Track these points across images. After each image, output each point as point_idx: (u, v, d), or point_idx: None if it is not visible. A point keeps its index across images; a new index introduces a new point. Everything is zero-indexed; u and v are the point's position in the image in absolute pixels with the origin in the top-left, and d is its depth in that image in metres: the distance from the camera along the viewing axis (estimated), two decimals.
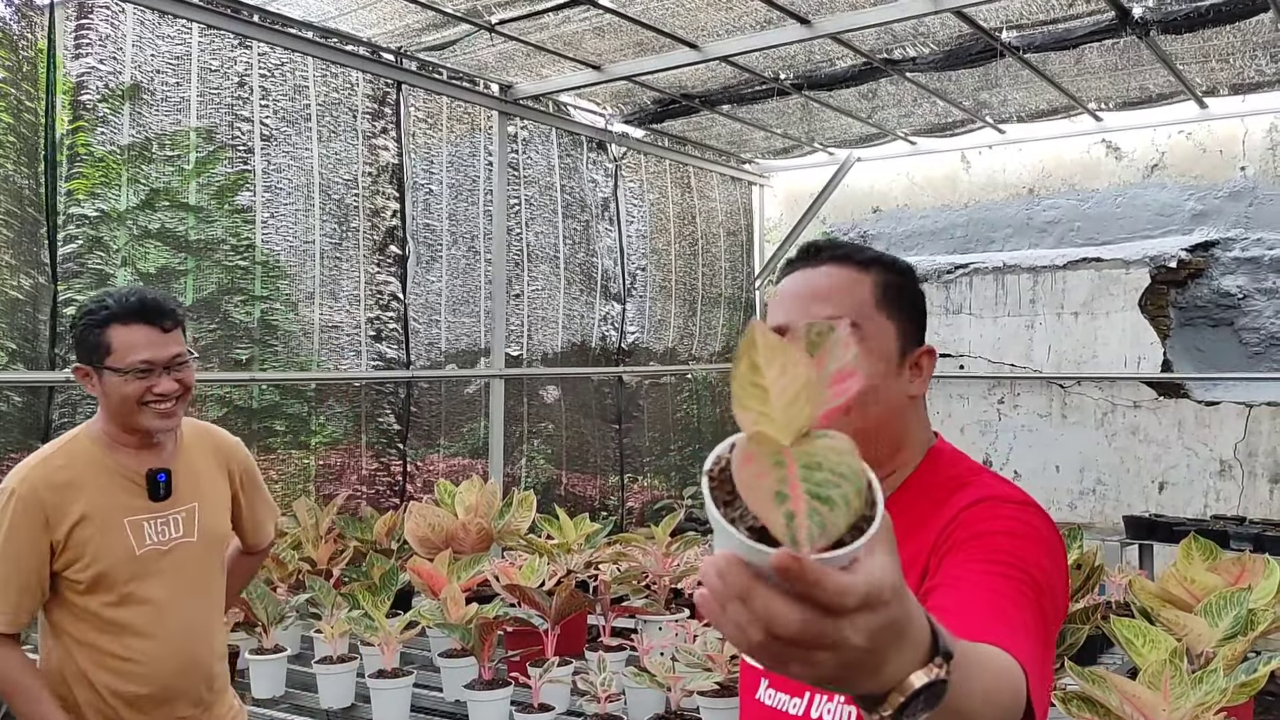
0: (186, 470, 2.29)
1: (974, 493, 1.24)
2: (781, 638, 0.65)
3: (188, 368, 2.20)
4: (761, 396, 0.68)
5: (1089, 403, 6.67)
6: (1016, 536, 1.16)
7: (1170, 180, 6.43)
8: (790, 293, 1.32)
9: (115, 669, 2.14)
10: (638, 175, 6.93)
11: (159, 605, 2.18)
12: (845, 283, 1.29)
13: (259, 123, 4.61)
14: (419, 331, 5.37)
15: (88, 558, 2.11)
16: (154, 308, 2.14)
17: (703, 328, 7.51)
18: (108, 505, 2.14)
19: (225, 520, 2.38)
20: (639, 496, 6.93)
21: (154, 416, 2.15)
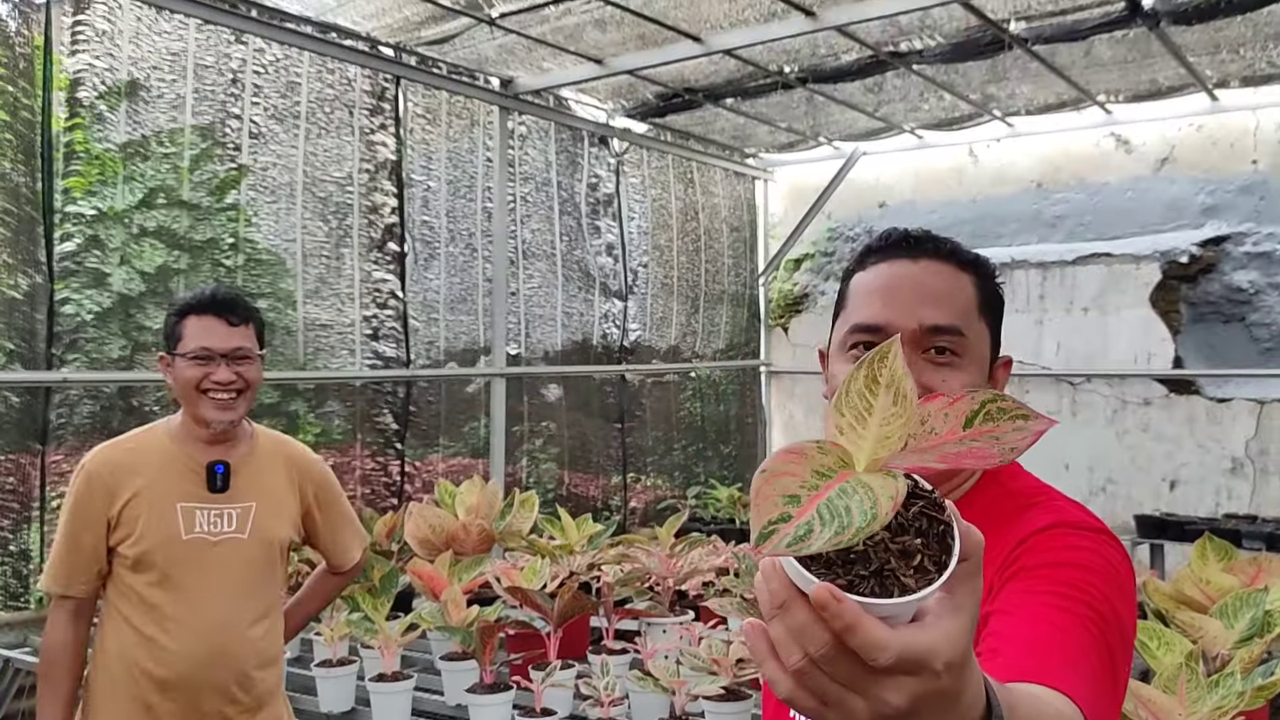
0: (252, 471, 2.39)
1: (1046, 515, 1.15)
2: (819, 664, 0.62)
3: (250, 363, 2.33)
4: (862, 413, 0.66)
5: (1099, 400, 6.59)
6: (1088, 570, 1.08)
7: (1181, 174, 6.35)
8: (888, 287, 1.20)
9: (146, 649, 2.23)
10: (640, 171, 6.87)
11: (195, 593, 2.26)
12: (953, 284, 1.20)
13: (249, 120, 4.55)
14: (418, 330, 5.32)
15: (135, 535, 2.24)
16: (224, 302, 2.32)
17: (706, 325, 7.44)
18: (163, 488, 2.28)
19: (285, 528, 2.43)
20: (642, 496, 6.87)
21: (212, 407, 2.28)
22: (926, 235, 1.24)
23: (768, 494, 0.62)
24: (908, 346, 1.14)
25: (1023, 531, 1.13)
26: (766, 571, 0.64)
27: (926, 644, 0.61)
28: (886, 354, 0.68)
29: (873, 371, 0.67)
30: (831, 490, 0.63)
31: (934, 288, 1.19)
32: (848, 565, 0.63)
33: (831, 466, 0.65)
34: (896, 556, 0.64)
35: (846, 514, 0.61)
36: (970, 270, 1.23)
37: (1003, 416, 0.70)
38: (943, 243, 1.24)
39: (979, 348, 1.20)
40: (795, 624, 0.62)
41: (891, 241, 1.24)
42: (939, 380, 1.15)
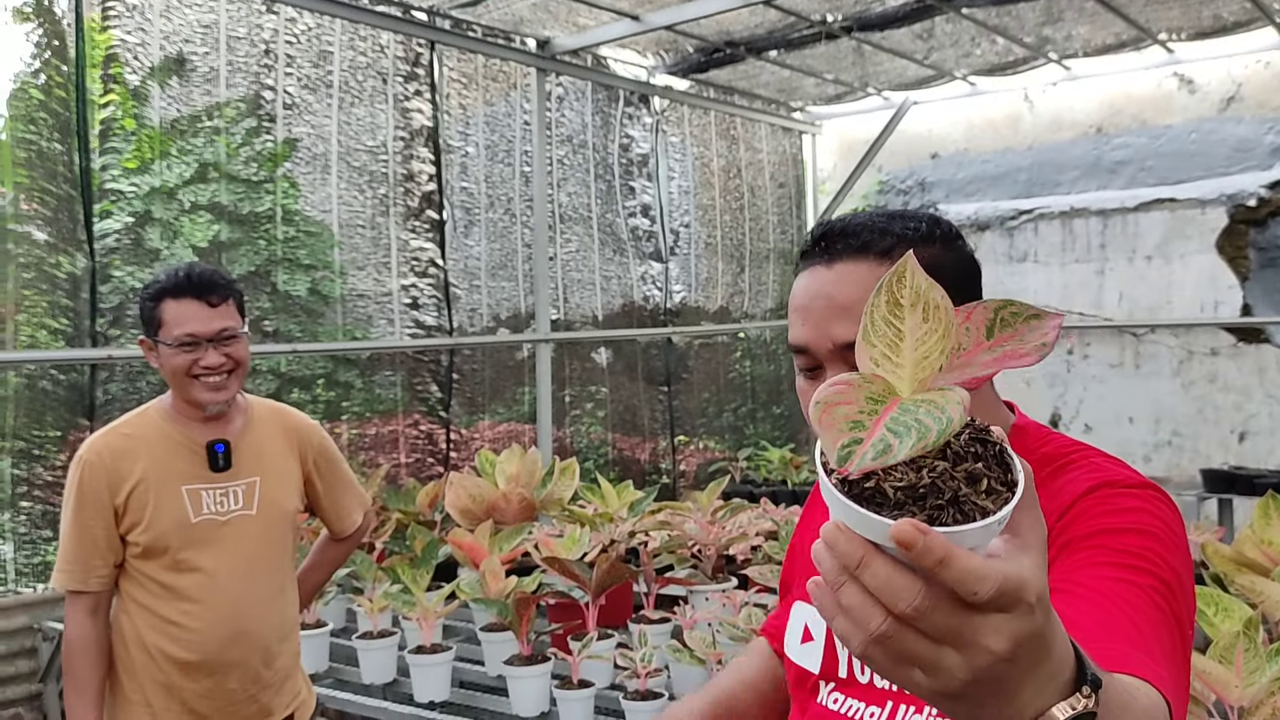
0: (251, 445, 2.34)
1: (1087, 475, 1.07)
2: (905, 620, 0.57)
3: (238, 342, 2.25)
4: (893, 340, 0.63)
5: (1164, 351, 6.37)
6: (1146, 534, 1.00)
7: (1248, 113, 6.06)
8: (804, 303, 1.11)
9: (167, 633, 2.20)
10: (680, 129, 6.74)
11: (211, 574, 2.23)
12: (866, 288, 1.05)
13: (284, 91, 4.53)
14: (459, 298, 5.29)
15: (144, 522, 2.20)
16: (201, 282, 2.20)
17: (753, 284, 7.32)
18: (166, 472, 2.23)
19: (290, 498, 2.40)
20: (692, 459, 6.82)
21: (203, 389, 2.22)
22: (844, 230, 1.11)
23: (831, 422, 0.60)
24: (835, 364, 1.07)
25: (1066, 497, 1.04)
26: (830, 535, 0.59)
27: (1019, 571, 0.57)
28: (903, 272, 0.64)
29: (893, 295, 0.64)
30: (891, 411, 0.60)
31: (845, 297, 1.07)
32: (919, 502, 0.59)
33: (881, 394, 0.62)
34: (965, 483, 0.60)
35: (920, 424, 0.59)
36: (896, 255, 1.06)
37: (1017, 320, 0.67)
38: (860, 235, 1.10)
39: None
40: (877, 580, 0.57)
41: (813, 242, 1.13)
42: None
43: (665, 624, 3.12)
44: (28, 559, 3.86)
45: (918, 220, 1.12)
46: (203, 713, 2.23)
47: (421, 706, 2.91)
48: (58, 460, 3.88)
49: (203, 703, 2.23)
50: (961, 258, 1.14)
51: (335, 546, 2.63)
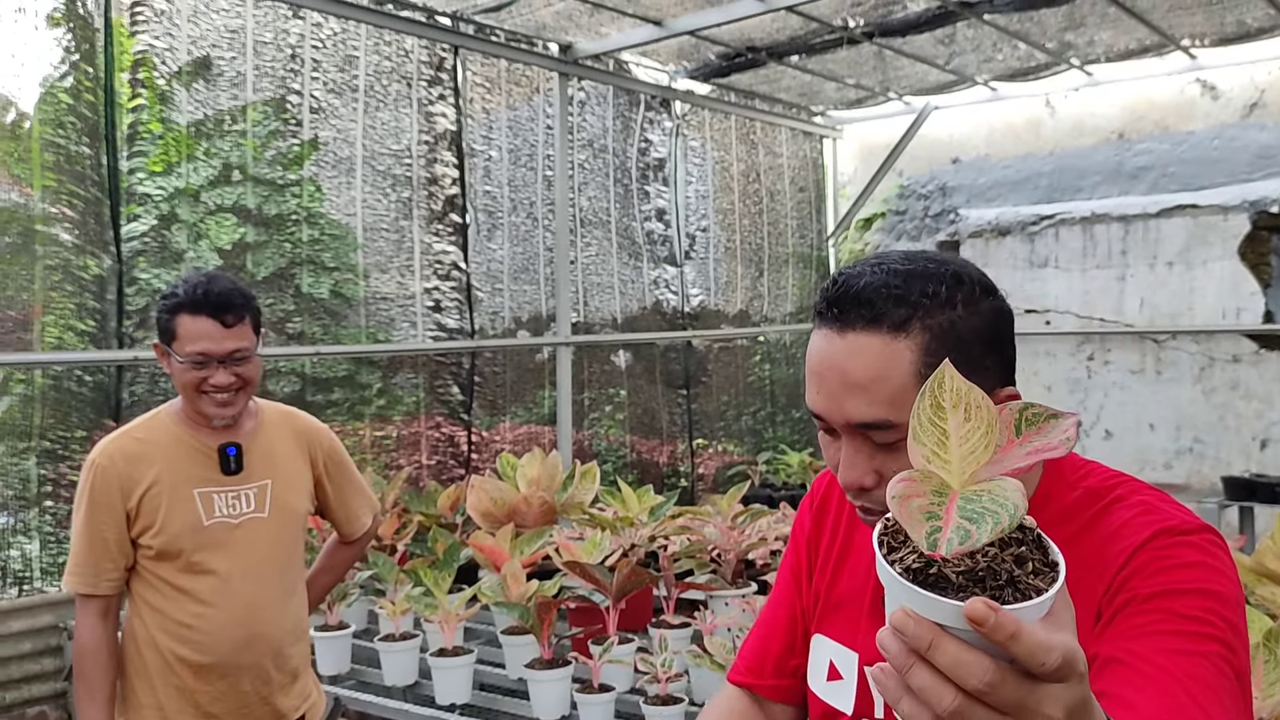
0: (263, 448, 2.36)
1: (1142, 519, 1.04)
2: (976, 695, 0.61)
3: (249, 362, 2.26)
4: (940, 439, 0.70)
5: (1185, 357, 6.34)
6: (1209, 594, 0.97)
7: (1271, 120, 6.02)
8: (818, 371, 1.08)
9: (180, 635, 2.23)
10: (700, 134, 6.75)
11: (224, 576, 2.25)
12: (881, 364, 1.03)
13: (310, 95, 4.57)
14: (481, 300, 5.32)
15: (157, 525, 2.22)
16: (219, 301, 2.20)
17: (772, 288, 7.33)
18: (179, 475, 2.24)
19: (302, 500, 2.43)
20: (711, 462, 6.83)
21: (210, 404, 2.24)
22: (860, 295, 1.05)
23: (908, 514, 0.66)
24: (850, 435, 1.07)
25: (1123, 543, 1.02)
26: (900, 620, 0.63)
27: (1073, 643, 0.62)
28: (943, 379, 0.71)
29: (935, 398, 0.71)
30: (956, 502, 0.67)
31: (858, 375, 1.04)
32: (980, 584, 0.65)
33: (940, 487, 0.69)
34: (1015, 565, 0.67)
35: (988, 512, 0.65)
36: (913, 330, 1.03)
37: (1039, 419, 0.74)
38: (875, 303, 1.04)
39: None
40: (947, 659, 0.61)
41: (827, 303, 1.08)
42: (891, 469, 1.01)
43: (685, 629, 3.14)
44: (54, 558, 3.90)
45: (938, 281, 1.05)
46: (216, 714, 2.26)
47: (442, 709, 2.94)
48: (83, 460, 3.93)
49: (216, 705, 2.25)
50: (988, 317, 1.08)
51: (344, 549, 2.66)
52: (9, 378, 3.79)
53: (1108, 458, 6.60)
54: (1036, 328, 6.80)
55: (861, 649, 1.18)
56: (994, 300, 1.09)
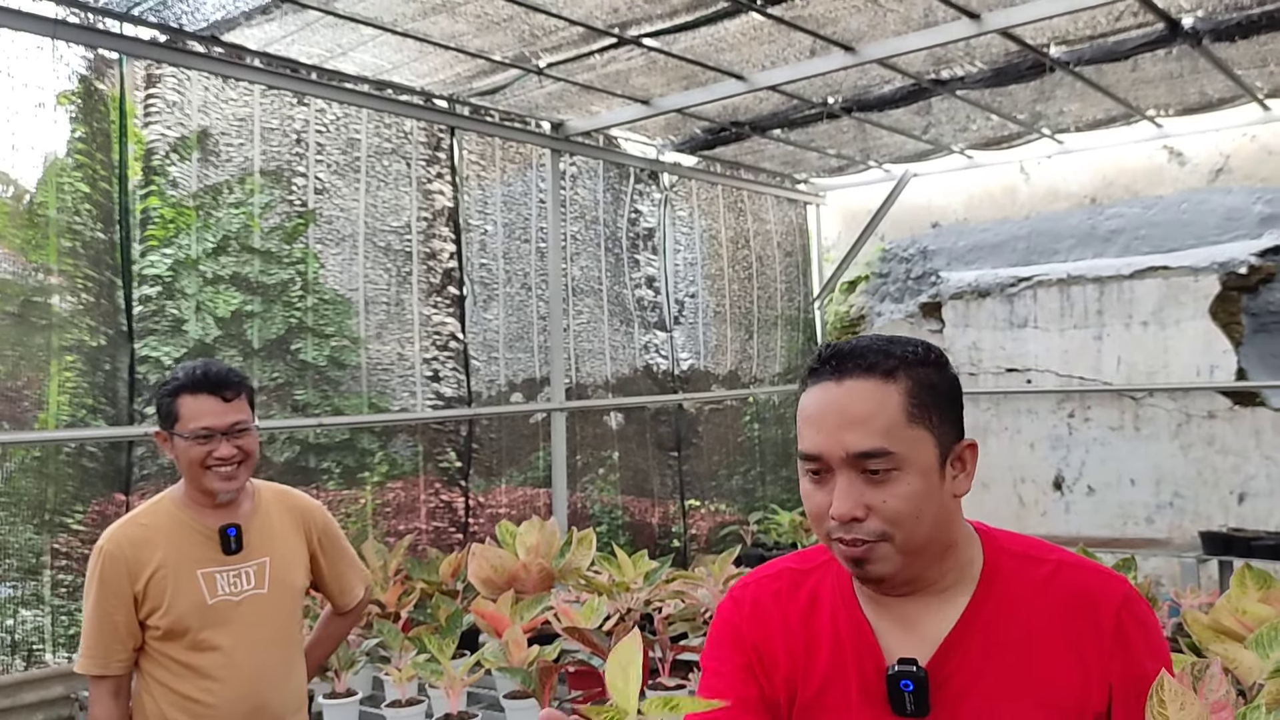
0: (261, 527, 2.51)
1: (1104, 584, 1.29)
2: None
3: (248, 435, 2.43)
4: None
5: (1162, 414, 6.53)
6: None
7: (1236, 184, 6.28)
8: (816, 415, 1.28)
9: (189, 710, 2.34)
10: (689, 203, 6.98)
11: (229, 652, 2.38)
12: (875, 403, 1.25)
13: (314, 176, 4.76)
14: (478, 369, 5.49)
15: (164, 607, 2.35)
16: (217, 380, 2.39)
17: (761, 350, 7.51)
18: (182, 557, 2.37)
19: (299, 575, 2.57)
20: (703, 522, 6.96)
21: (216, 479, 2.38)
22: (852, 351, 1.29)
23: None
24: (845, 470, 1.26)
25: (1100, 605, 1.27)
26: None
27: None
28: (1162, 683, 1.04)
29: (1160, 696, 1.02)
30: None
31: (855, 412, 1.25)
32: None
33: None
34: None
35: None
36: (899, 377, 1.26)
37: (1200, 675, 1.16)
38: (866, 356, 1.28)
39: (917, 454, 1.25)
40: None
41: (823, 361, 1.31)
42: (880, 500, 1.25)
43: (680, 690, 3.25)
44: (65, 629, 4.01)
45: (914, 345, 1.32)
46: None
47: None
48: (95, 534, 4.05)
49: None
50: (951, 378, 1.34)
51: (338, 621, 2.80)
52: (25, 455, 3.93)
53: (1091, 513, 6.71)
54: (1018, 386, 6.99)
55: None
56: (951, 369, 1.35)
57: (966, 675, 1.28)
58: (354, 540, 4.71)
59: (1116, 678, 1.24)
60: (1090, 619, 1.27)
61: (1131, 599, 1.29)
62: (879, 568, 1.27)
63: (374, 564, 4.16)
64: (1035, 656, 1.27)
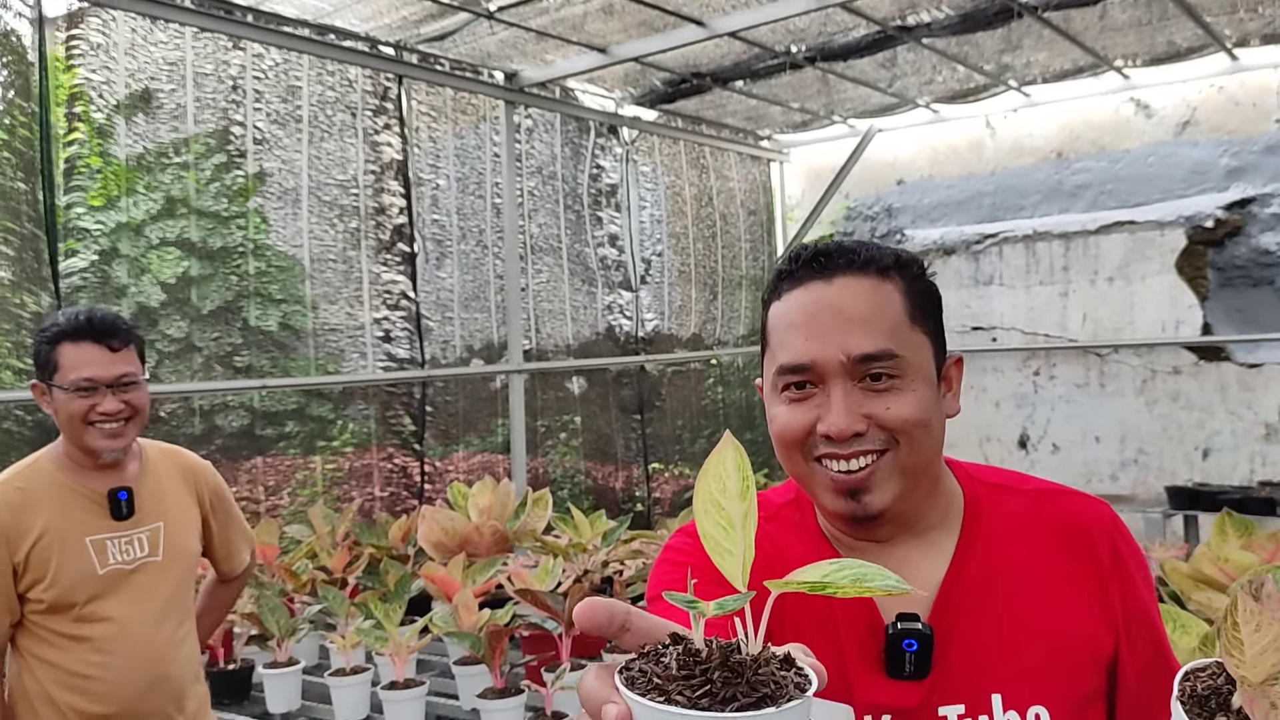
0: (152, 490, 2.29)
1: (1093, 509, 1.17)
2: None
3: (137, 388, 2.19)
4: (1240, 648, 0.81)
5: (1127, 370, 6.47)
6: None
7: (1203, 137, 6.20)
8: (808, 319, 1.08)
9: (78, 687, 2.13)
10: (651, 159, 6.80)
11: (121, 623, 2.17)
12: (876, 301, 1.08)
13: (253, 126, 4.54)
14: (432, 330, 5.30)
15: (48, 578, 2.12)
16: (102, 326, 2.14)
17: (726, 311, 7.37)
18: (68, 524, 2.15)
19: (193, 540, 2.37)
20: (667, 486, 6.84)
21: (100, 436, 2.14)
22: (838, 248, 1.12)
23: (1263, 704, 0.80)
24: (841, 379, 1.07)
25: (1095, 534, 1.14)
26: None
27: None
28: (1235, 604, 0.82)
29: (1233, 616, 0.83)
30: None
31: (855, 310, 1.08)
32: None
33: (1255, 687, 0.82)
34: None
35: None
36: (894, 276, 1.11)
37: None
38: (856, 252, 1.11)
39: (920, 359, 1.09)
40: None
41: (803, 262, 1.11)
42: (883, 408, 1.07)
43: None
44: None
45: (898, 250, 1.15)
46: None
47: None
48: None
49: None
50: (935, 291, 1.17)
51: (224, 588, 2.58)
52: None
53: (1056, 471, 6.68)
54: (983, 344, 6.90)
55: (856, 701, 1.10)
56: None
57: (968, 626, 1.11)
58: (307, 507, 4.55)
59: (1120, 610, 1.12)
60: (1086, 548, 1.13)
61: (1120, 523, 1.17)
62: (878, 496, 1.08)
63: (321, 529, 4.00)
64: (1035, 598, 1.12)
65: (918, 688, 1.09)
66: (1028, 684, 1.09)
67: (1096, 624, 1.11)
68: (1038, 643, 1.10)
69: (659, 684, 0.65)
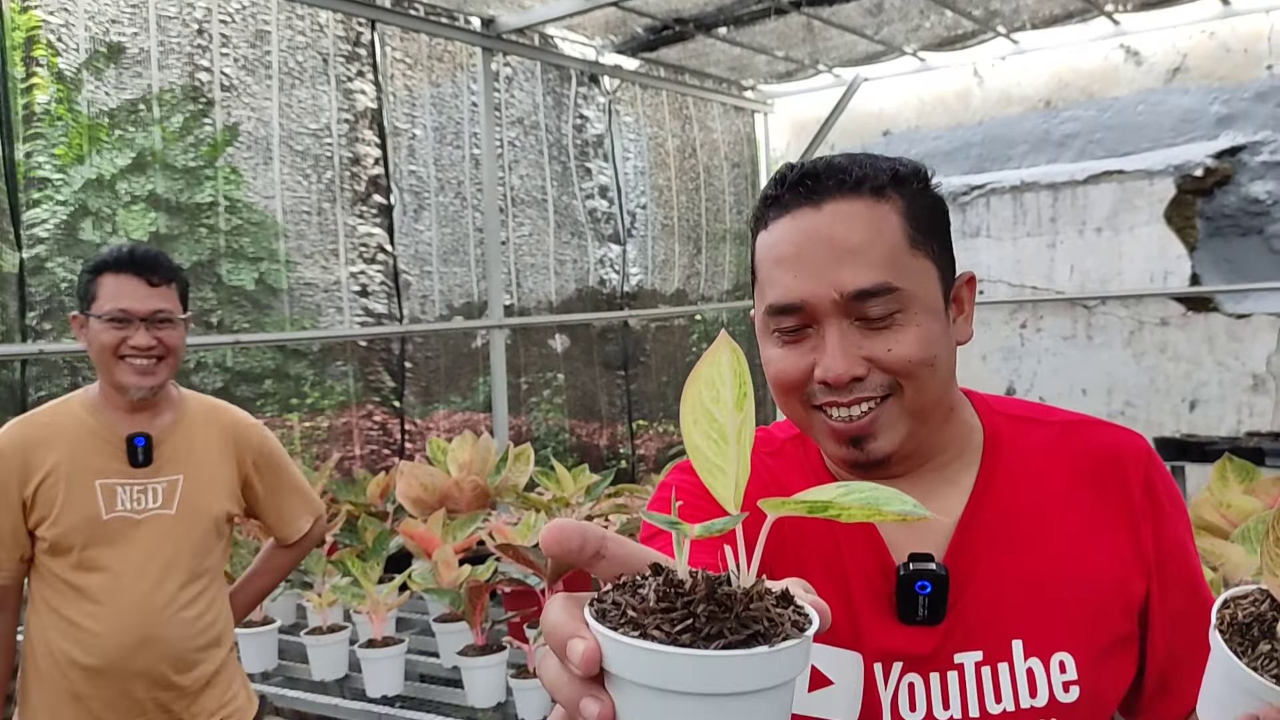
0: (180, 441, 2.21)
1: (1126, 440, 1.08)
2: None
3: (173, 327, 2.14)
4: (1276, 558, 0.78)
5: (1115, 322, 6.41)
6: None
7: (1193, 84, 6.10)
8: (795, 253, 0.98)
9: (71, 636, 2.08)
10: (633, 109, 6.66)
11: (118, 575, 2.10)
12: (871, 225, 0.97)
13: (220, 73, 4.39)
14: (410, 284, 5.18)
15: (52, 516, 2.08)
16: (144, 260, 2.12)
17: (710, 266, 7.27)
18: (80, 465, 2.10)
19: (218, 501, 2.26)
20: (651, 443, 6.77)
21: (130, 372, 2.10)
22: (828, 167, 1.00)
23: None
24: (836, 319, 0.97)
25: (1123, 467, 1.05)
26: None
27: None
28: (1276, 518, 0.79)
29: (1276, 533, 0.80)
30: None
31: (847, 240, 0.96)
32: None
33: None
34: None
35: None
36: (891, 194, 0.99)
37: None
38: (848, 171, 0.99)
39: (923, 288, 0.99)
40: None
41: (789, 185, 1.00)
42: (883, 349, 0.97)
43: None
44: None
45: (898, 161, 1.03)
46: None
47: (374, 701, 2.84)
48: None
49: (109, 712, 2.09)
50: (942, 200, 1.08)
51: (282, 553, 2.49)
52: None
53: None
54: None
55: (866, 647, 1.03)
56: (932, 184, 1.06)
57: (989, 568, 1.03)
58: None
59: (1153, 550, 1.03)
60: (1117, 482, 1.04)
61: (1155, 456, 1.08)
62: (884, 442, 1.00)
63: None
64: (1060, 537, 1.04)
65: (932, 633, 1.01)
66: (1051, 629, 1.01)
67: (1127, 565, 1.03)
68: (1062, 585, 1.02)
69: (634, 617, 0.57)
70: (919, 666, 1.02)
